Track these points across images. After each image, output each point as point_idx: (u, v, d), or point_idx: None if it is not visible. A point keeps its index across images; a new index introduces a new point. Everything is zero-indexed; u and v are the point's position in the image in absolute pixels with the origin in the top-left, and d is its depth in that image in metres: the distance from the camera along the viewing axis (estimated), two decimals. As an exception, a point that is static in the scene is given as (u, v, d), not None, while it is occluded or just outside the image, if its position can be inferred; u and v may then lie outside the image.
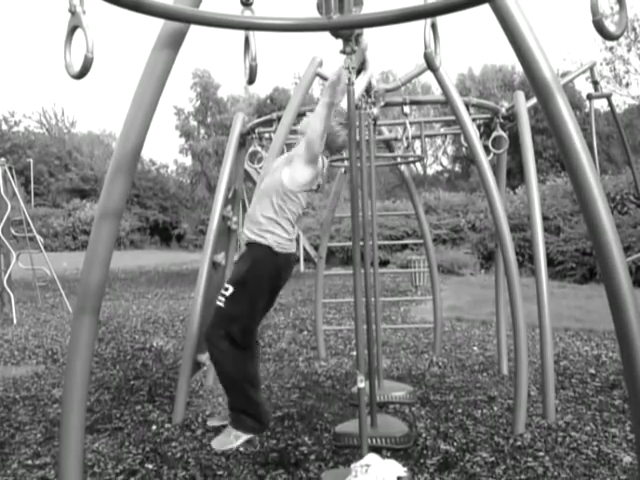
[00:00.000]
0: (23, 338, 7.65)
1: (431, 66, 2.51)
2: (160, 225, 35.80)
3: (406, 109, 4.79)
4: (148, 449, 3.72)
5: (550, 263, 11.91)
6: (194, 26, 2.14)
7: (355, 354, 3.49)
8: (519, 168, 5.20)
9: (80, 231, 31.80)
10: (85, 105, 71.21)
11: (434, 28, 2.31)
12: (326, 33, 2.51)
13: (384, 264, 15.68)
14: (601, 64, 22.41)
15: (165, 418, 4.29)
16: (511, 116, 4.63)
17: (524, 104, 4.39)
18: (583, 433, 3.77)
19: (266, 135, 4.95)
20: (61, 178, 37.52)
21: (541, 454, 3.46)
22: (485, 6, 1.80)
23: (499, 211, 3.91)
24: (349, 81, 2.80)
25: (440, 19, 2.30)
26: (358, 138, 3.69)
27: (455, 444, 3.65)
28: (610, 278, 2.01)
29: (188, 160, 39.80)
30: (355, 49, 2.69)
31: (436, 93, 24.11)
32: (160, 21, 2.17)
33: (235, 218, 4.86)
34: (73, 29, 1.75)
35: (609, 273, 2.01)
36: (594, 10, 1.65)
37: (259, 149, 4.83)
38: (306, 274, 15.57)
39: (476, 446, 3.61)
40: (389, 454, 3.45)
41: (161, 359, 6.25)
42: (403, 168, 6.19)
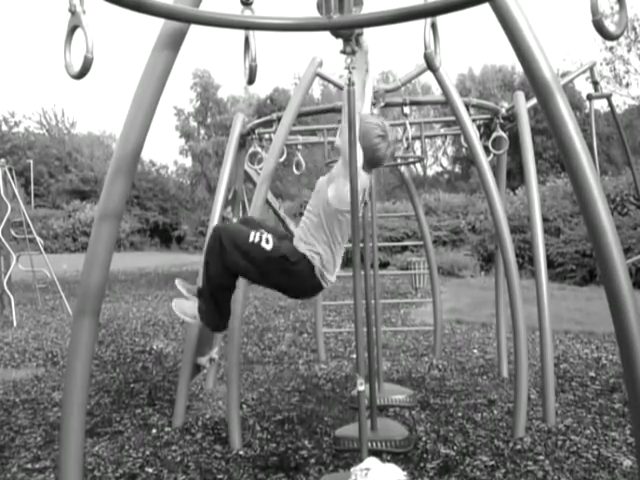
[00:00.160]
0: (23, 340, 7.64)
1: (431, 66, 2.51)
2: (160, 227, 35.80)
3: (406, 110, 4.78)
4: (148, 453, 3.71)
5: (550, 265, 11.91)
6: (194, 26, 2.14)
7: (355, 357, 3.47)
8: (519, 169, 5.18)
9: (80, 233, 31.79)
10: (85, 106, 71.48)
11: (434, 28, 2.30)
12: (326, 33, 2.50)
13: (384, 266, 15.67)
14: (601, 64, 22.42)
15: (165, 422, 4.28)
16: (511, 117, 4.62)
17: (524, 104, 4.38)
18: (583, 437, 3.76)
19: (266, 136, 4.95)
20: (61, 179, 37.55)
21: (541, 458, 3.45)
22: (485, 6, 1.80)
23: (499, 212, 3.89)
24: (349, 81, 2.79)
25: (440, 19, 2.30)
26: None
27: (455, 448, 3.64)
28: (610, 280, 2.01)
29: (188, 161, 39.93)
30: (355, 49, 2.68)
31: (436, 93, 24.10)
32: (160, 21, 2.16)
33: (235, 219, 4.85)
34: (73, 29, 1.74)
35: (609, 275, 2.00)
36: (594, 10, 1.65)
37: (259, 150, 4.82)
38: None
39: (476, 450, 3.60)
40: (389, 458, 3.44)
41: (161, 362, 6.24)
42: (403, 169, 6.18)
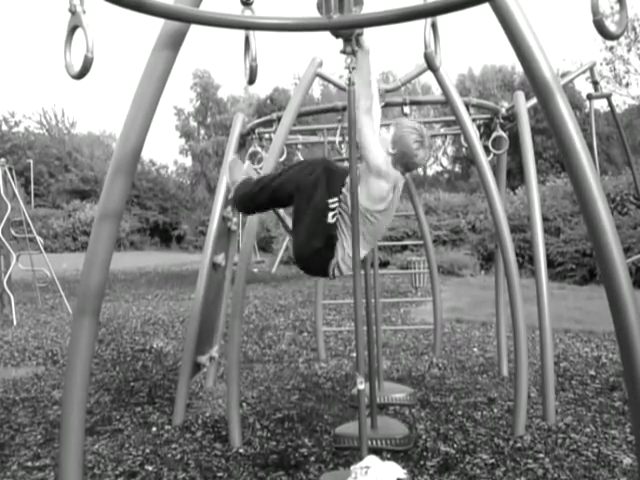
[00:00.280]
0: (23, 339, 7.65)
1: (431, 66, 2.51)
2: (160, 226, 35.78)
3: (406, 109, 4.78)
4: (148, 451, 3.72)
5: (550, 264, 11.90)
6: (194, 26, 2.14)
7: (355, 355, 3.48)
8: (519, 169, 5.19)
9: (80, 232, 31.77)
10: (85, 106, 71.33)
11: (434, 28, 2.31)
12: (326, 33, 2.51)
13: (384, 265, 15.66)
14: (601, 64, 22.40)
15: (165, 420, 4.29)
16: (511, 116, 4.63)
17: (524, 104, 4.39)
18: (583, 435, 3.76)
19: (266, 135, 4.95)
20: (61, 179, 37.51)
21: (541, 456, 3.46)
22: (485, 6, 1.80)
23: (499, 212, 3.90)
24: (349, 81, 2.80)
25: (440, 19, 2.30)
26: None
27: (455, 446, 3.65)
28: (610, 279, 2.01)
29: (188, 161, 39.90)
30: (356, 49, 2.68)
31: (436, 93, 24.08)
32: (160, 21, 2.17)
33: (235, 219, 4.85)
34: (73, 29, 1.74)
35: (609, 274, 2.01)
36: (594, 10, 1.65)
37: (259, 149, 4.82)
38: (306, 275, 15.55)
39: (476, 448, 3.61)
40: (389, 456, 3.45)
41: (161, 360, 6.25)
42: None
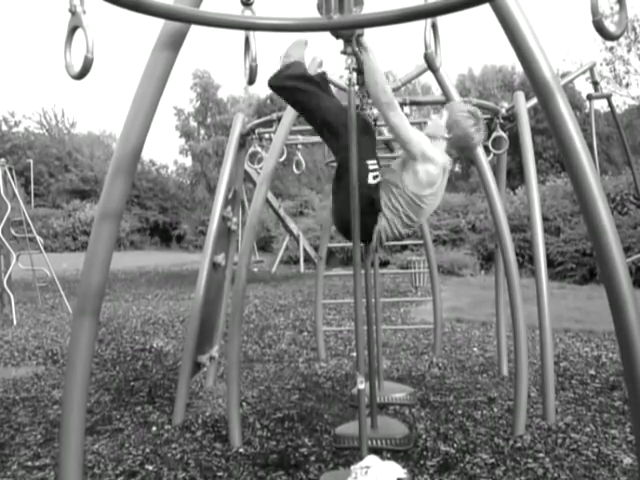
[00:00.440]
0: (23, 339, 7.65)
1: (431, 66, 2.52)
2: (160, 226, 35.78)
3: (406, 110, 4.78)
4: (148, 450, 3.72)
5: (550, 264, 11.90)
6: (194, 26, 2.14)
7: (355, 355, 3.49)
8: (519, 169, 5.19)
9: (80, 232, 31.76)
10: (85, 106, 71.34)
11: (434, 28, 2.31)
12: (326, 33, 2.51)
13: (384, 265, 15.66)
14: (601, 64, 22.40)
15: (165, 419, 4.29)
16: (511, 116, 4.62)
17: (524, 104, 4.39)
18: (583, 434, 3.77)
19: (266, 136, 4.94)
20: (61, 179, 37.51)
21: (541, 455, 3.46)
22: (485, 6, 1.80)
23: (499, 212, 3.90)
24: (349, 81, 2.80)
25: (440, 19, 2.30)
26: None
27: (455, 445, 3.65)
28: (610, 279, 2.01)
29: (188, 161, 39.85)
30: (356, 49, 2.68)
31: (436, 94, 24.08)
32: (160, 21, 2.17)
33: (235, 219, 4.86)
34: (73, 29, 1.74)
35: (609, 274, 2.01)
36: (594, 10, 1.65)
37: (259, 150, 4.82)
38: (306, 275, 15.56)
39: (476, 447, 3.61)
40: (389, 455, 3.45)
41: (161, 360, 6.25)
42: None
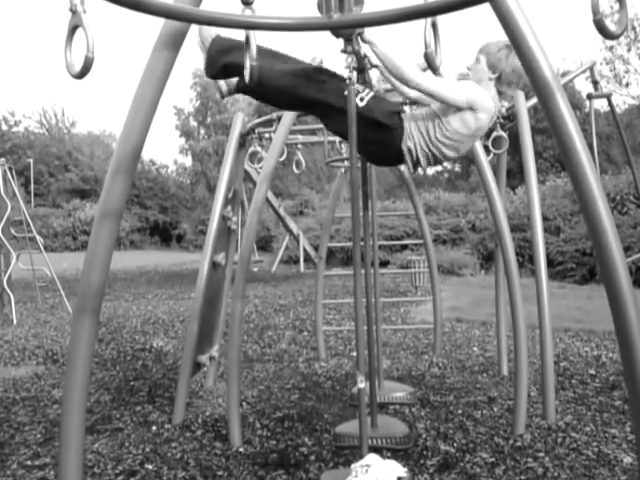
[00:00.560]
0: (23, 339, 7.65)
1: (431, 66, 2.52)
2: (160, 225, 35.80)
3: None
4: (148, 450, 3.72)
5: (550, 263, 11.90)
6: (194, 26, 2.14)
7: (355, 355, 3.49)
8: (519, 168, 5.20)
9: (80, 231, 31.79)
10: (85, 105, 71.40)
11: (435, 28, 2.31)
12: (327, 32, 2.51)
13: (384, 264, 15.66)
14: (601, 64, 22.41)
15: (165, 419, 4.29)
16: (511, 116, 4.62)
17: (524, 104, 4.38)
18: (583, 434, 3.77)
19: (266, 135, 4.95)
20: (61, 178, 37.53)
21: (541, 455, 3.46)
22: (485, 5, 1.80)
23: (499, 211, 3.90)
24: (350, 81, 2.80)
25: (440, 19, 2.31)
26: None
27: (455, 445, 3.65)
28: (610, 278, 2.01)
29: (188, 160, 39.84)
30: (356, 48, 2.68)
31: (436, 93, 23.98)
32: (160, 21, 2.17)
33: (235, 218, 4.86)
34: (74, 29, 1.74)
35: (609, 273, 2.01)
36: (594, 9, 1.65)
37: (259, 149, 4.82)
38: (306, 274, 15.56)
39: (476, 447, 3.61)
40: (389, 454, 3.45)
41: (161, 360, 6.25)
42: (403, 168, 6.17)
